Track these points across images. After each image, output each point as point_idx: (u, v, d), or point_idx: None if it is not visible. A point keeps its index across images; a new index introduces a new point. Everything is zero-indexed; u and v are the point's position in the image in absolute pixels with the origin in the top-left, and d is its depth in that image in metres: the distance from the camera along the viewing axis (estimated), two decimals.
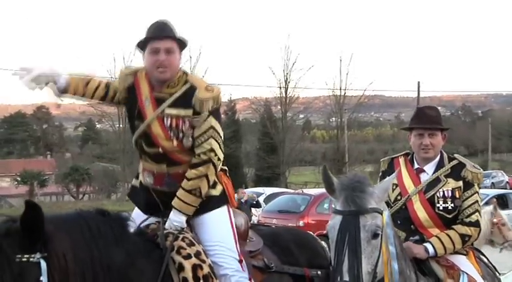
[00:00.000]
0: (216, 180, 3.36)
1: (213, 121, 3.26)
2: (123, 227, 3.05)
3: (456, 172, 3.48)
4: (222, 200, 3.40)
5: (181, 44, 3.37)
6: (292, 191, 21.57)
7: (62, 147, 67.46)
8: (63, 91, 3.37)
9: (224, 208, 3.40)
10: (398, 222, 3.46)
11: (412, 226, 3.46)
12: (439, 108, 3.82)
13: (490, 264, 3.79)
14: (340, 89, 39.82)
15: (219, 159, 3.29)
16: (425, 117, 3.54)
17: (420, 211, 3.44)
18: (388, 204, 3.54)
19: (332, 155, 41.69)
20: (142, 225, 3.35)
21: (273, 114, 41.84)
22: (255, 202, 16.51)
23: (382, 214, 2.87)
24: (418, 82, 38.77)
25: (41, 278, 2.56)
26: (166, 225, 3.26)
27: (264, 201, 18.38)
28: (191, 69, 35.49)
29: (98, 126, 60.81)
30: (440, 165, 3.52)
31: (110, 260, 2.84)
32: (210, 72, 34.11)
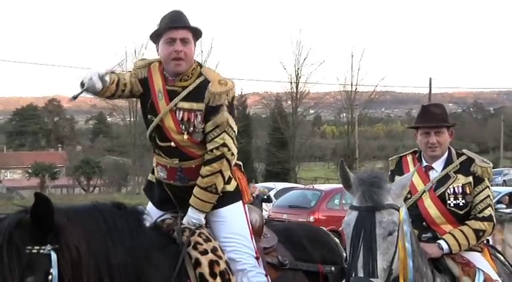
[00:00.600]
0: (231, 175, 3.33)
1: (226, 115, 3.21)
2: (139, 221, 3.03)
3: (465, 168, 3.46)
4: (237, 195, 3.37)
5: (196, 34, 3.33)
6: (302, 186, 21.56)
7: (73, 140, 67.79)
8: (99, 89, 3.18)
9: (239, 203, 3.36)
10: (410, 219, 3.44)
11: (423, 223, 3.44)
12: (450, 105, 3.82)
13: (506, 262, 3.76)
14: (351, 85, 39.66)
15: (232, 154, 3.24)
16: (431, 115, 3.51)
17: (431, 208, 3.42)
18: None
19: (342, 151, 41.55)
20: (158, 220, 3.33)
21: (283, 109, 41.74)
22: (266, 197, 16.50)
23: (399, 210, 2.85)
24: (430, 78, 38.54)
25: (51, 270, 2.54)
26: (184, 221, 3.24)
27: (274, 196, 18.37)
28: (202, 63, 35.42)
29: (108, 119, 61.08)
30: (448, 161, 3.50)
31: (124, 254, 2.82)
32: (221, 66, 34.04)
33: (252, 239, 3.32)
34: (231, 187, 3.33)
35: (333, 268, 3.62)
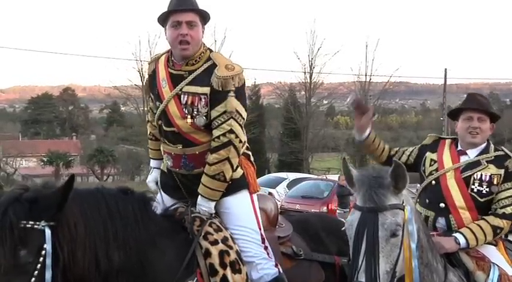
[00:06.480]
0: (238, 163, 3.27)
1: (233, 101, 3.14)
2: (146, 207, 3.03)
3: (499, 161, 3.41)
4: (242, 184, 3.29)
5: (204, 17, 3.27)
6: (315, 176, 21.52)
7: (87, 128, 68.19)
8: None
9: (245, 192, 3.30)
10: (427, 201, 3.40)
11: (441, 204, 3.37)
12: (465, 96, 3.75)
13: None
14: (366, 75, 39.41)
15: (240, 141, 3.17)
16: (476, 101, 3.50)
17: (454, 189, 3.36)
18: (422, 177, 3.49)
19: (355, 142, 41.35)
20: (171, 208, 3.33)
21: (297, 100, 41.57)
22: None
23: (404, 209, 2.74)
24: (445, 69, 38.12)
25: (45, 246, 2.56)
26: (196, 210, 3.22)
27: (287, 187, 18.37)
28: None
29: (122, 108, 61.27)
30: (484, 151, 3.46)
31: (126, 237, 2.83)
32: (234, 56, 33.86)
33: (260, 228, 3.28)
34: (236, 174, 3.26)
35: None
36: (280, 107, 46.58)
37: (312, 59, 38.40)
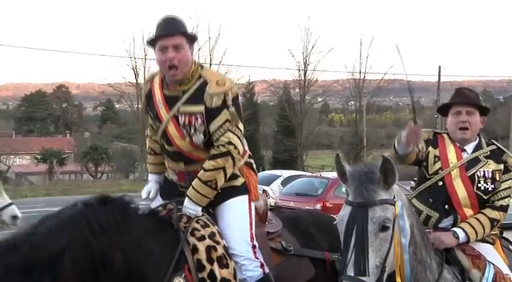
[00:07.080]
0: (238, 173, 3.34)
1: (227, 114, 3.21)
2: (126, 212, 3.05)
3: (496, 156, 3.44)
4: (243, 190, 3.37)
5: (191, 38, 3.33)
6: (309, 174, 21.54)
7: (81, 126, 68.03)
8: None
9: (244, 196, 3.36)
10: (430, 200, 3.40)
11: (446, 206, 3.37)
12: None
13: None
14: (360, 73, 39.47)
15: (239, 152, 3.24)
16: (464, 96, 3.51)
17: (459, 188, 3.37)
18: (425, 177, 3.47)
19: (350, 139, 41.49)
20: (159, 206, 3.36)
21: (291, 97, 41.63)
22: None
23: (394, 205, 2.74)
24: (439, 66, 38.33)
25: None
26: (182, 211, 3.24)
27: (281, 184, 18.37)
28: (210, 51, 35.37)
29: (116, 106, 61.15)
30: (478, 147, 3.48)
31: (111, 251, 2.87)
32: (229, 53, 33.94)
33: (251, 229, 3.30)
34: (238, 182, 3.35)
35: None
36: (275, 105, 46.63)
37: (306, 56, 38.48)
